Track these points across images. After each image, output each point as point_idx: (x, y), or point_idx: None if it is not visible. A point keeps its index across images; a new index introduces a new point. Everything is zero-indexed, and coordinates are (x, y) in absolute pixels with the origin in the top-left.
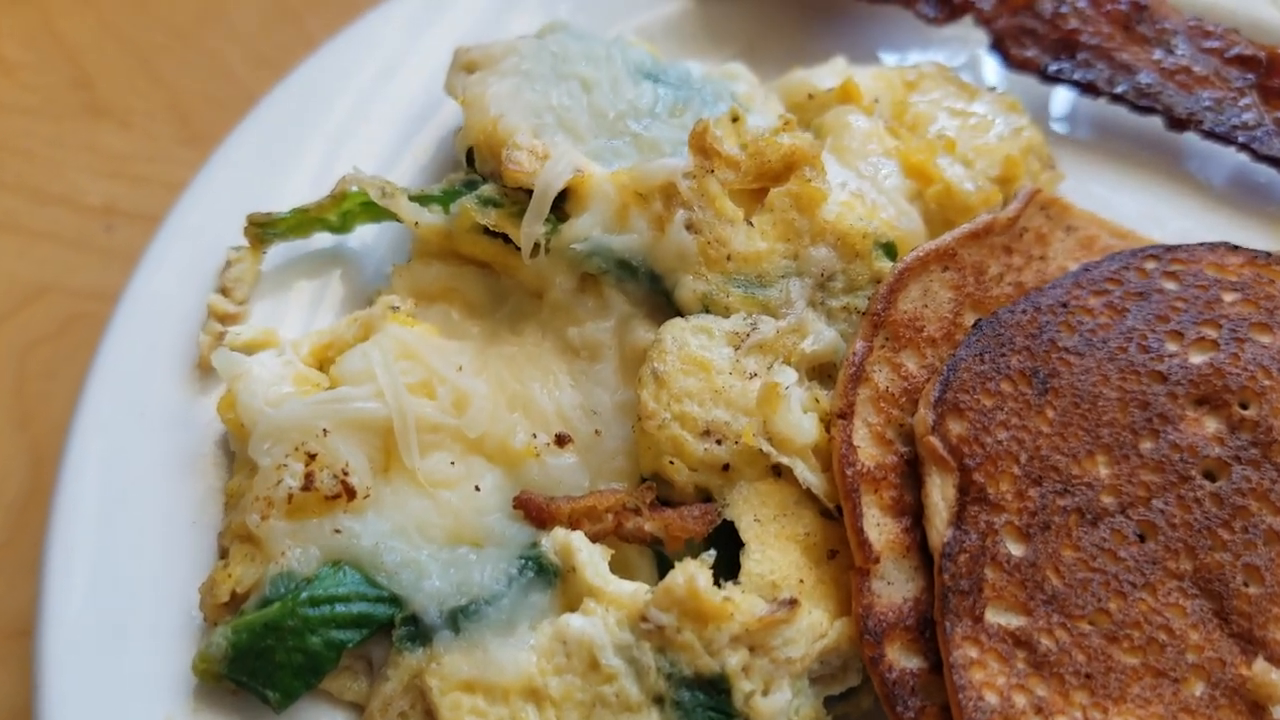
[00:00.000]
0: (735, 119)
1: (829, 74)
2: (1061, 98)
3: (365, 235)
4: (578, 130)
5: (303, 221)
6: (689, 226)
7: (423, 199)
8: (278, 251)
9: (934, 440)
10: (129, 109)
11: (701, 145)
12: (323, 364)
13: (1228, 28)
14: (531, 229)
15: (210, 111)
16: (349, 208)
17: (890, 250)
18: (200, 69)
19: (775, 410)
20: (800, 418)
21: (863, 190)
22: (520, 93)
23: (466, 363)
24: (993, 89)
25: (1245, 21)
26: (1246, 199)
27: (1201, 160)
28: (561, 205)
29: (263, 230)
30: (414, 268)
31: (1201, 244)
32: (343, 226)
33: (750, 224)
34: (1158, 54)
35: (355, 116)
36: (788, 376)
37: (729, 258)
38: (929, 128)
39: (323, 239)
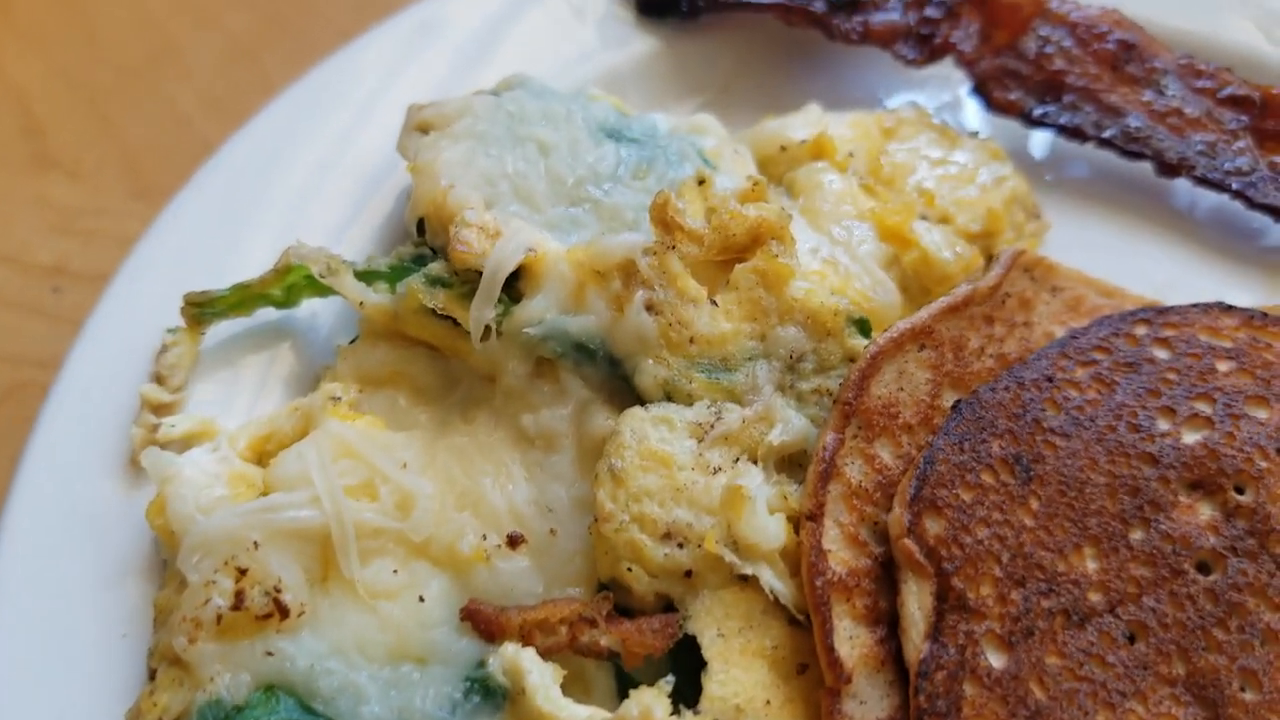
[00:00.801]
0: (701, 181)
1: (802, 124)
2: (1046, 138)
3: (314, 305)
4: (534, 199)
5: (244, 298)
6: (649, 307)
7: (369, 276)
8: (219, 328)
9: (910, 544)
10: (78, 159)
11: (663, 218)
12: (262, 458)
13: (1220, 66)
14: (481, 313)
15: (162, 162)
16: (294, 281)
17: (864, 326)
18: (152, 114)
19: (739, 514)
20: (766, 521)
21: (836, 257)
22: (474, 158)
23: (413, 457)
24: (975, 134)
25: (1239, 58)
26: (1239, 244)
27: (1192, 201)
28: (514, 285)
29: (201, 310)
30: (359, 349)
31: (1194, 305)
32: (288, 301)
33: (714, 303)
34: (1147, 95)
35: (309, 176)
36: (752, 478)
37: (692, 340)
38: (907, 180)
39: (267, 312)
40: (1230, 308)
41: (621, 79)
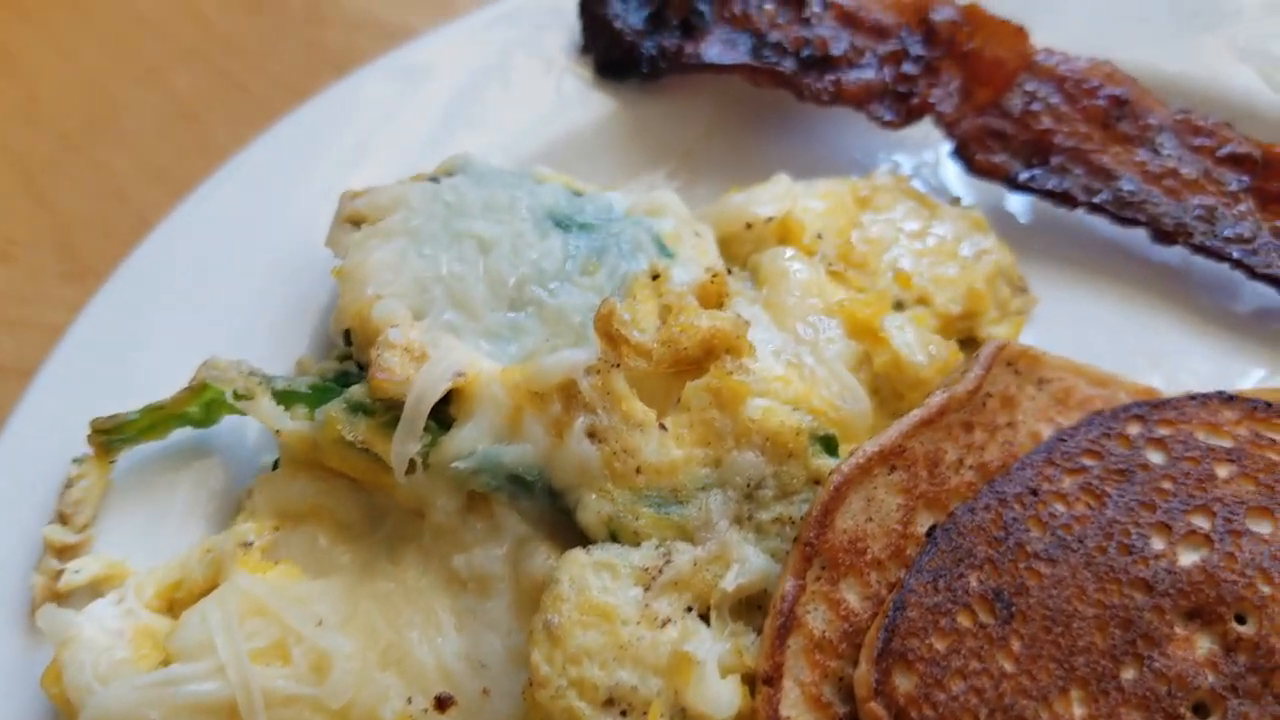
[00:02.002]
0: (656, 276)
1: (770, 197)
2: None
3: (236, 419)
4: (472, 304)
5: (157, 421)
6: (591, 434)
7: (288, 397)
8: (131, 453)
9: (877, 708)
10: (10, 238)
11: (607, 331)
12: (172, 606)
13: (1219, 121)
14: (403, 448)
15: (98, 241)
16: (212, 397)
17: (830, 444)
18: (89, 187)
19: (687, 681)
20: (717, 688)
21: (801, 359)
22: (405, 260)
23: (331, 609)
24: (957, 200)
25: (1240, 109)
26: (1241, 313)
27: (1190, 266)
28: (444, 409)
29: (109, 437)
30: (278, 480)
31: (1192, 397)
32: (207, 419)
33: (663, 427)
34: (1141, 154)
35: (241, 268)
36: (701, 641)
37: (638, 470)
38: (882, 258)
39: (185, 431)
40: (1231, 398)
41: (582, 144)
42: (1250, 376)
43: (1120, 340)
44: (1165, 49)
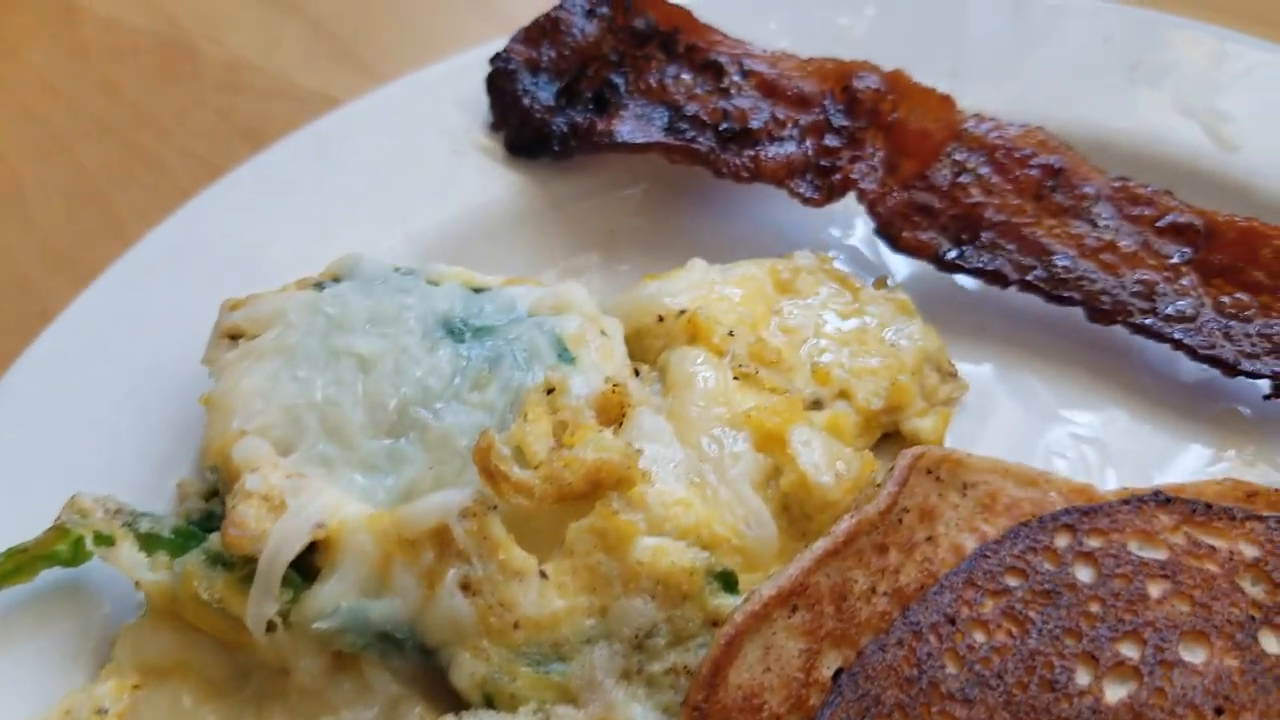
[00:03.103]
0: (551, 390)
1: (684, 286)
2: None
3: None
4: (347, 433)
5: (22, 564)
6: (465, 586)
7: (151, 543)
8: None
9: None
10: None
11: (485, 465)
12: None
13: (1159, 189)
14: (259, 610)
15: None
16: (76, 538)
17: (729, 580)
18: None
19: None
20: None
21: (705, 477)
22: (277, 385)
23: None
24: (883, 280)
25: (1185, 170)
26: (1186, 393)
27: (1133, 342)
28: (310, 557)
29: None
30: (143, 631)
31: (1126, 501)
32: (75, 558)
33: (544, 575)
34: (1077, 227)
35: (117, 388)
36: None
37: (516, 625)
38: (799, 352)
39: (55, 570)
40: (1168, 500)
41: (493, 230)
42: (1193, 461)
43: (1056, 425)
44: (1104, 106)
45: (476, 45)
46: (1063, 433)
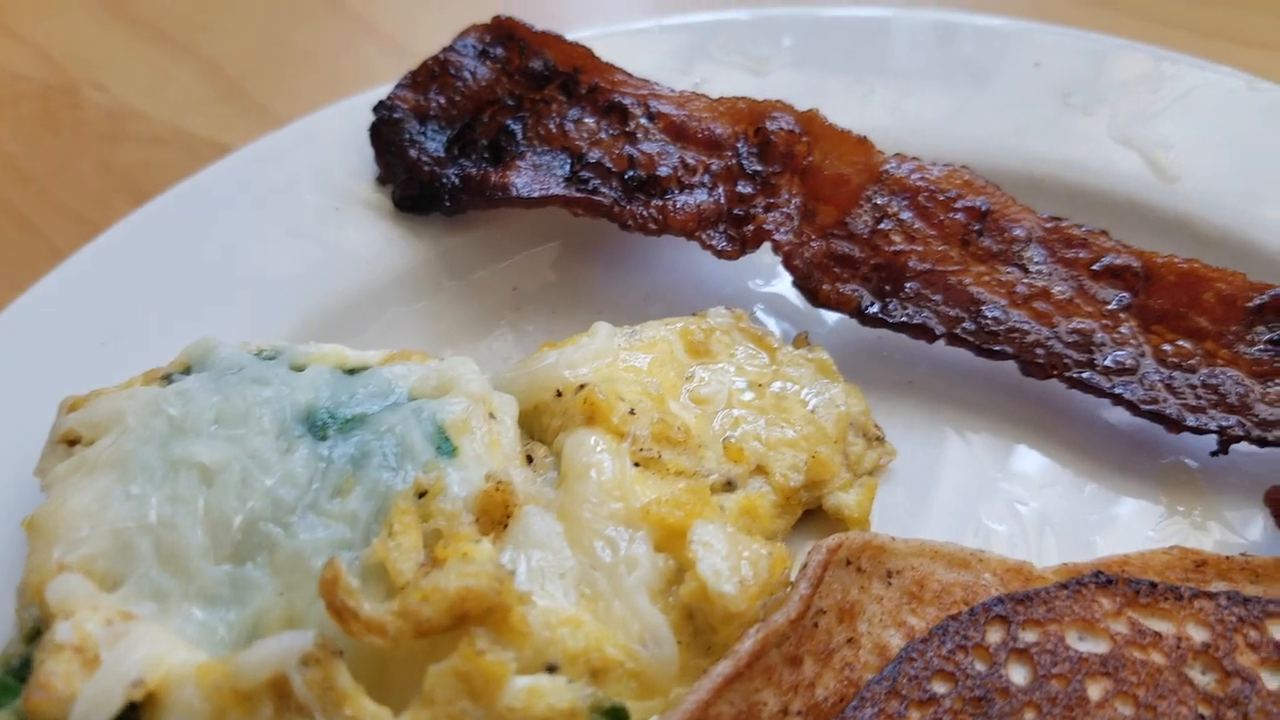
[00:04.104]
0: (423, 493)
1: (585, 355)
2: None
3: None
4: (185, 560)
5: None
6: None
7: None
8: None
9: None
10: None
11: (332, 602)
12: None
13: (1093, 229)
14: None
15: None
16: None
17: (619, 716)
18: None
19: None
20: None
21: (596, 587)
22: (108, 505)
23: None
24: (804, 337)
25: (1124, 202)
26: (1134, 449)
27: (1069, 397)
28: (136, 713)
29: None
30: None
31: (1064, 586)
32: None
33: None
34: (1008, 273)
35: None
36: None
37: None
38: (711, 425)
39: None
40: (1108, 583)
41: (378, 294)
42: (1137, 513)
43: (992, 490)
44: (1037, 136)
45: (380, 85)
46: (999, 498)
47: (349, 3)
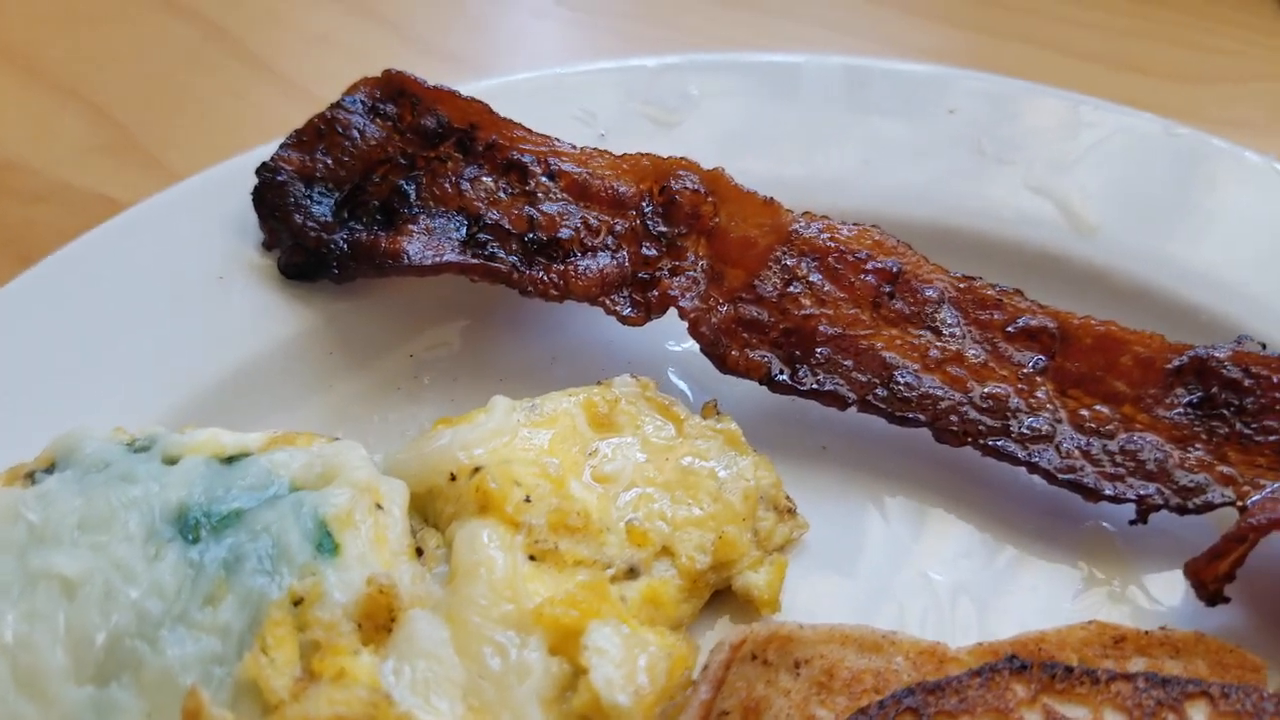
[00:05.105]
0: (298, 601)
1: (482, 435)
2: None
3: None
4: (44, 682)
5: None
6: None
7: None
8: None
9: None
10: None
11: None
12: None
13: (1007, 289)
14: None
15: None
16: None
17: None
18: None
19: None
20: None
21: (485, 698)
22: None
23: None
24: (712, 406)
25: (1039, 257)
26: (1046, 511)
27: (986, 463)
28: None
29: None
30: None
31: (977, 673)
32: None
33: None
34: (920, 336)
35: None
36: None
37: None
38: (614, 507)
39: None
40: (1023, 668)
41: (265, 371)
42: (1056, 582)
43: (907, 563)
44: (951, 186)
45: (279, 138)
46: (914, 570)
47: (249, 46)
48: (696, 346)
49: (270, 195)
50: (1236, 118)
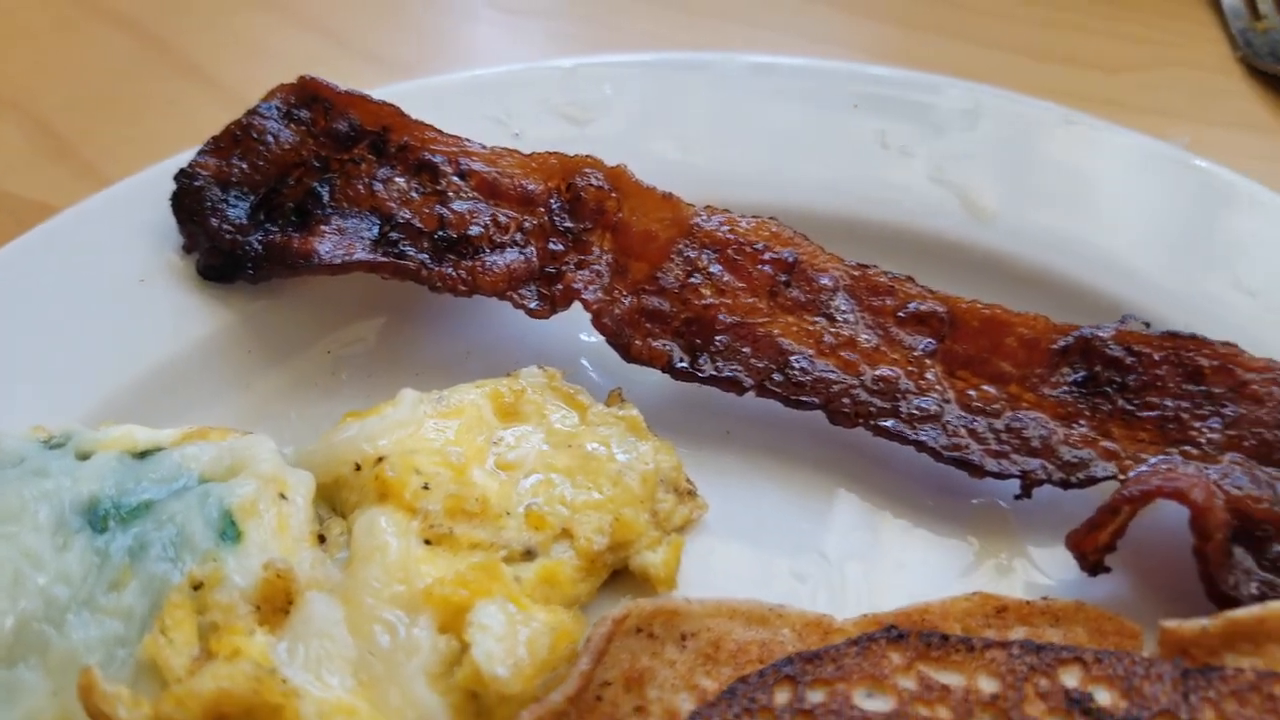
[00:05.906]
0: (198, 586)
1: (388, 426)
2: None
3: None
4: None
5: None
6: None
7: None
8: None
9: None
10: None
11: (90, 708)
12: None
13: (899, 275)
14: None
15: None
16: None
17: None
18: None
19: None
20: None
21: (374, 673)
22: None
23: None
24: (618, 394)
25: (935, 243)
26: (939, 488)
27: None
28: None
29: None
30: None
31: (854, 643)
32: None
33: None
34: (815, 323)
35: None
36: None
37: None
38: (515, 490)
39: None
40: (900, 637)
41: (185, 370)
42: (948, 558)
43: (803, 541)
44: (855, 179)
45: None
46: (810, 547)
47: (188, 55)
48: None
49: (188, 200)
50: (1159, 104)
